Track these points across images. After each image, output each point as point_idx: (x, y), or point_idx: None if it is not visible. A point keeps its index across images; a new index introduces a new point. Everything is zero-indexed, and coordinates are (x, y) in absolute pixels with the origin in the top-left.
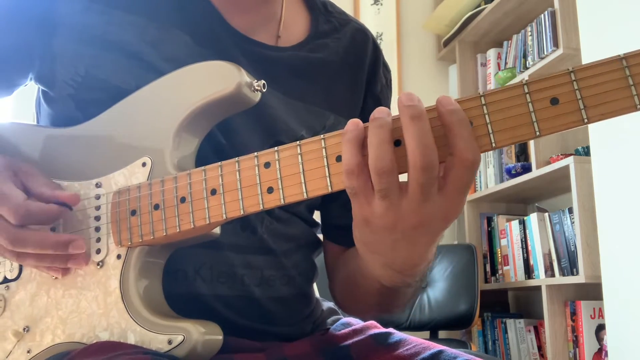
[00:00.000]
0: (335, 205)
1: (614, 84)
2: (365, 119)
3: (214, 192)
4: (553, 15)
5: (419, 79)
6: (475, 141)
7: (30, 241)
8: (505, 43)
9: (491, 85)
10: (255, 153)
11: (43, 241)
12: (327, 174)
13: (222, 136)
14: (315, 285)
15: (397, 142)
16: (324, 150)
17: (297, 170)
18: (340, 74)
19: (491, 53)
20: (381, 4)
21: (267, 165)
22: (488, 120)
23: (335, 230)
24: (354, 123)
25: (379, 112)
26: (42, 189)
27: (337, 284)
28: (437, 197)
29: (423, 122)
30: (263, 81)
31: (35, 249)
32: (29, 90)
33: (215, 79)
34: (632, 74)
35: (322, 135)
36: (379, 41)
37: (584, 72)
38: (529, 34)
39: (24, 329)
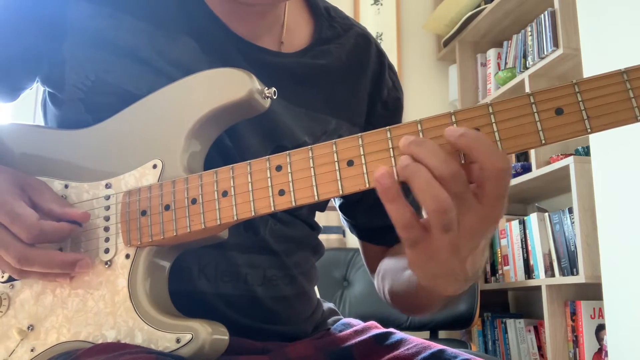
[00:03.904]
0: (365, 207)
1: (615, 96)
2: (375, 125)
3: (225, 193)
4: (553, 15)
5: (419, 79)
6: (498, 149)
7: (37, 261)
8: (505, 43)
9: (491, 85)
10: (267, 156)
11: (50, 261)
12: (338, 178)
13: (228, 139)
14: (315, 287)
15: None
16: (335, 154)
17: (309, 174)
18: (343, 79)
19: (491, 53)
20: (381, 4)
21: (278, 168)
22: (495, 129)
23: (374, 232)
24: (385, 177)
25: (401, 162)
26: (51, 205)
27: (391, 293)
28: (478, 207)
29: (426, 143)
30: (274, 88)
31: (42, 269)
32: (29, 91)
33: (227, 86)
34: (633, 87)
35: (333, 140)
36: (379, 41)
37: (587, 84)
38: (529, 34)
39: (29, 327)
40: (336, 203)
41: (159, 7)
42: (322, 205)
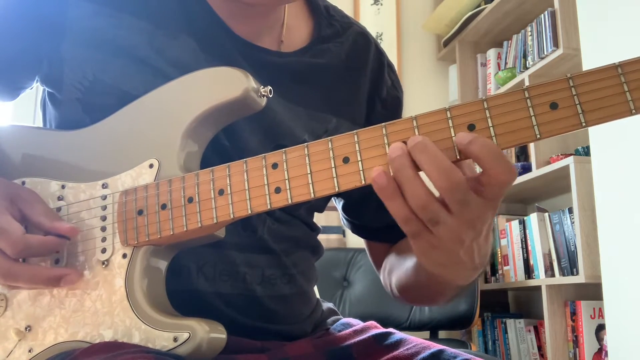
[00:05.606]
0: (369, 208)
1: (610, 90)
2: (375, 123)
3: (221, 192)
4: (553, 15)
5: (419, 79)
6: (505, 159)
7: (22, 276)
8: (505, 43)
9: (491, 85)
10: (263, 154)
11: (35, 277)
12: (334, 175)
13: (226, 139)
14: (315, 287)
15: None
16: (331, 151)
17: (305, 171)
18: (342, 78)
19: (491, 53)
20: (381, 4)
21: (274, 166)
22: (490, 124)
23: (378, 231)
24: (381, 177)
25: (392, 151)
26: (40, 218)
27: (399, 285)
28: (478, 200)
29: (428, 151)
30: (270, 87)
31: (27, 284)
32: (29, 92)
33: (222, 84)
34: (627, 80)
35: (329, 137)
36: (379, 41)
37: (582, 78)
38: (529, 34)
39: (26, 328)
40: (338, 205)
41: (160, 7)
42: (321, 206)
